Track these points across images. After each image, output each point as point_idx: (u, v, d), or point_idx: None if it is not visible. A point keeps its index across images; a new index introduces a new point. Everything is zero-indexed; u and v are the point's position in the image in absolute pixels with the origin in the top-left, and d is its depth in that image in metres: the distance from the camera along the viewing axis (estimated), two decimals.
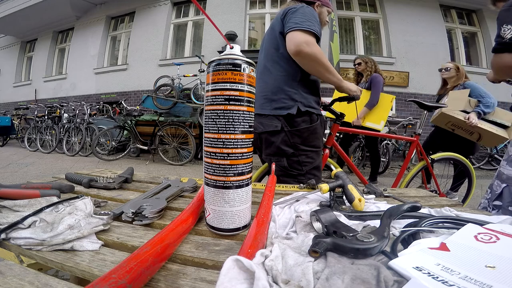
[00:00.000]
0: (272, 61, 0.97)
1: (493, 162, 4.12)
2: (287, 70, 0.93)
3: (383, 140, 3.89)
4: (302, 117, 0.94)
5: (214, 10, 5.37)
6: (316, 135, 0.98)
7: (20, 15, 6.74)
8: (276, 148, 0.96)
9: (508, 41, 0.66)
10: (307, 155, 0.97)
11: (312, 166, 0.98)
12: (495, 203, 0.79)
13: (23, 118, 5.91)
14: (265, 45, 1.03)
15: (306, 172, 0.96)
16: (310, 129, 0.96)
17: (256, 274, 0.20)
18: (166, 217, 0.42)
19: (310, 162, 0.97)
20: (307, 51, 0.82)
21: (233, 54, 0.34)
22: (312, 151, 0.98)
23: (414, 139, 1.48)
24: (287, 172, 0.97)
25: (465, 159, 1.65)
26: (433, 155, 1.57)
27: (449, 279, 0.21)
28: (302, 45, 0.82)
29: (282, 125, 0.93)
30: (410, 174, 1.54)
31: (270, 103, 0.95)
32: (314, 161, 0.98)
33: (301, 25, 0.83)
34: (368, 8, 5.31)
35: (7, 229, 0.31)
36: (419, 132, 1.50)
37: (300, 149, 0.95)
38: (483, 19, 5.18)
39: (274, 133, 0.95)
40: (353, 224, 0.34)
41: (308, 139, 0.96)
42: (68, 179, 0.62)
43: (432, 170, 1.57)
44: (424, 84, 4.94)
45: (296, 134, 0.94)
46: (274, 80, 0.95)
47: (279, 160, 0.97)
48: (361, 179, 1.44)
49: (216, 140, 0.34)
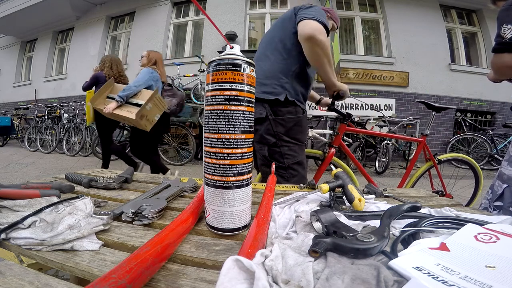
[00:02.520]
0: (272, 49, 0.98)
1: (493, 162, 4.12)
2: (286, 60, 0.95)
3: (383, 140, 3.89)
4: (287, 108, 0.95)
5: (214, 10, 5.37)
6: (300, 128, 0.99)
7: (20, 15, 6.73)
8: (259, 136, 0.96)
9: (508, 41, 0.66)
10: (290, 148, 0.97)
11: (295, 160, 0.97)
12: (496, 204, 0.79)
13: (23, 118, 5.92)
14: (268, 35, 1.05)
15: (287, 166, 0.96)
16: (294, 120, 0.96)
17: (256, 274, 0.20)
18: (166, 217, 0.42)
19: (292, 156, 0.97)
20: (320, 38, 0.85)
21: (233, 54, 0.34)
22: (295, 144, 0.98)
23: (421, 140, 1.48)
24: (267, 162, 0.98)
25: (472, 160, 1.63)
26: (440, 156, 1.56)
27: (449, 279, 0.21)
28: (317, 31, 0.85)
29: (267, 113, 0.94)
30: (416, 175, 1.54)
31: (259, 86, 0.95)
32: (296, 156, 0.98)
33: (316, 17, 0.87)
34: (368, 8, 5.30)
35: (7, 229, 0.31)
36: (426, 133, 1.49)
37: (283, 140, 0.95)
38: (483, 19, 5.18)
39: (258, 121, 0.95)
40: (353, 224, 0.34)
41: (291, 130, 0.96)
42: (68, 179, 0.62)
43: (438, 170, 1.57)
44: (424, 84, 4.94)
45: (280, 123, 0.95)
46: (270, 66, 0.97)
47: (261, 148, 0.98)
48: (368, 179, 1.43)
49: (216, 140, 0.34)
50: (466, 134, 4.46)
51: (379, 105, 4.73)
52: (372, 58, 4.99)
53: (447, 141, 4.62)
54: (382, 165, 3.68)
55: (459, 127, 5.04)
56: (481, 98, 4.99)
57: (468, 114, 5.09)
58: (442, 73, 4.97)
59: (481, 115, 5.15)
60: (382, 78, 4.87)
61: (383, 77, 4.87)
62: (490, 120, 5.13)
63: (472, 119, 5.05)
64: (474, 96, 4.99)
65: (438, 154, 1.57)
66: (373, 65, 4.91)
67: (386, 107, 4.80)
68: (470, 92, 4.99)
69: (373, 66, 4.91)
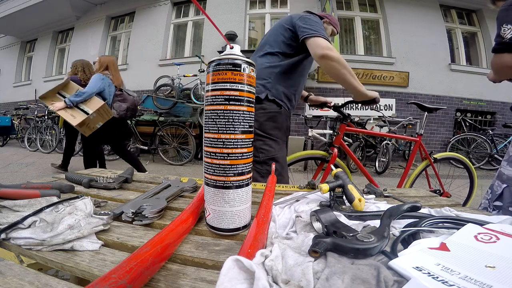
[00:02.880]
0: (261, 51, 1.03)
1: (493, 162, 4.13)
2: (271, 63, 0.99)
3: (383, 140, 3.89)
4: (261, 104, 0.97)
5: (214, 10, 5.37)
6: (275, 123, 1.00)
7: (20, 15, 6.73)
8: None
9: (508, 41, 0.66)
10: (264, 142, 0.98)
11: (270, 155, 0.98)
12: (495, 204, 0.79)
13: (23, 118, 5.91)
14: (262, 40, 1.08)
15: (263, 161, 0.97)
16: (267, 115, 0.98)
17: (256, 274, 0.20)
18: (166, 217, 0.42)
19: (267, 150, 0.98)
20: (334, 55, 0.89)
21: (233, 54, 0.34)
22: (269, 139, 0.99)
23: (417, 139, 1.50)
24: None
25: (466, 159, 1.65)
26: (435, 155, 1.58)
27: (449, 279, 0.21)
28: (329, 49, 0.88)
29: None
30: (414, 174, 1.55)
31: None
32: (272, 150, 0.99)
33: (320, 34, 0.90)
34: (368, 8, 5.30)
35: (7, 229, 0.31)
36: (421, 133, 1.52)
37: (256, 134, 0.96)
38: (483, 19, 5.18)
39: None
40: (353, 224, 0.34)
41: (264, 125, 0.98)
42: (68, 179, 0.62)
43: (435, 169, 1.57)
44: (424, 84, 4.94)
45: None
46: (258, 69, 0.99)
47: None
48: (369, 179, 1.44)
49: (216, 140, 0.34)
50: (466, 134, 4.47)
51: (379, 105, 4.73)
52: (372, 58, 4.99)
53: (447, 141, 4.62)
54: (382, 165, 3.68)
55: (459, 127, 5.04)
56: (481, 98, 5.00)
57: (468, 114, 5.10)
58: (442, 73, 4.97)
59: (481, 115, 5.15)
60: (382, 78, 4.87)
61: (383, 77, 4.87)
62: (490, 120, 5.13)
63: (472, 119, 5.05)
64: (474, 96, 4.99)
65: (433, 153, 1.60)
66: (373, 65, 4.91)
67: (386, 107, 4.81)
68: (470, 92, 4.99)
69: (373, 66, 4.91)
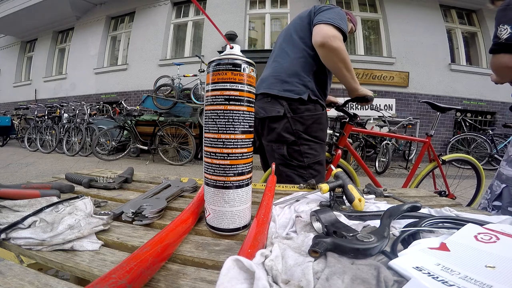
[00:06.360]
0: (292, 46, 0.96)
1: (493, 162, 4.12)
2: (306, 58, 0.93)
3: (383, 140, 3.89)
4: (306, 105, 0.92)
5: (214, 10, 5.37)
6: (320, 125, 0.95)
7: (20, 15, 6.73)
8: (277, 134, 0.93)
9: (504, 41, 0.66)
10: (310, 146, 0.93)
11: (315, 159, 0.94)
12: (494, 204, 0.79)
13: (23, 118, 5.91)
14: (285, 32, 1.03)
15: (307, 166, 0.93)
16: (314, 117, 0.93)
17: (256, 274, 0.20)
18: (166, 217, 0.42)
19: (312, 154, 0.93)
20: (332, 45, 0.83)
21: (233, 54, 0.34)
22: (315, 142, 0.94)
23: (426, 140, 1.48)
24: (286, 162, 0.94)
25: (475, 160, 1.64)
26: (444, 157, 1.56)
27: (449, 279, 0.21)
28: (330, 38, 0.83)
29: (285, 111, 0.91)
30: (421, 175, 1.54)
31: (281, 84, 0.93)
32: (317, 155, 0.94)
33: (332, 21, 0.84)
34: (368, 8, 5.30)
35: (7, 229, 0.31)
36: (431, 133, 1.50)
37: (302, 138, 0.92)
38: (483, 19, 5.18)
39: (276, 118, 0.93)
40: (353, 224, 0.34)
41: (311, 128, 0.93)
42: (68, 179, 0.62)
43: (442, 171, 1.57)
44: (424, 84, 4.94)
45: (298, 121, 0.92)
46: (290, 64, 0.94)
47: (279, 147, 0.94)
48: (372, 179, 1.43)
49: (216, 140, 0.34)
50: (466, 134, 4.47)
51: (379, 105, 4.73)
52: (372, 58, 4.99)
53: (447, 141, 4.62)
54: (382, 165, 3.68)
55: (459, 127, 5.04)
56: (481, 98, 5.00)
57: (468, 114, 5.10)
58: (442, 73, 4.98)
59: (481, 115, 5.15)
60: (382, 78, 4.88)
61: (383, 77, 4.87)
62: (490, 120, 5.13)
63: (472, 119, 5.06)
64: (474, 96, 5.00)
65: (442, 155, 1.58)
66: (373, 65, 4.92)
67: (386, 107, 4.81)
68: (470, 92, 4.99)
69: (373, 66, 4.91)
